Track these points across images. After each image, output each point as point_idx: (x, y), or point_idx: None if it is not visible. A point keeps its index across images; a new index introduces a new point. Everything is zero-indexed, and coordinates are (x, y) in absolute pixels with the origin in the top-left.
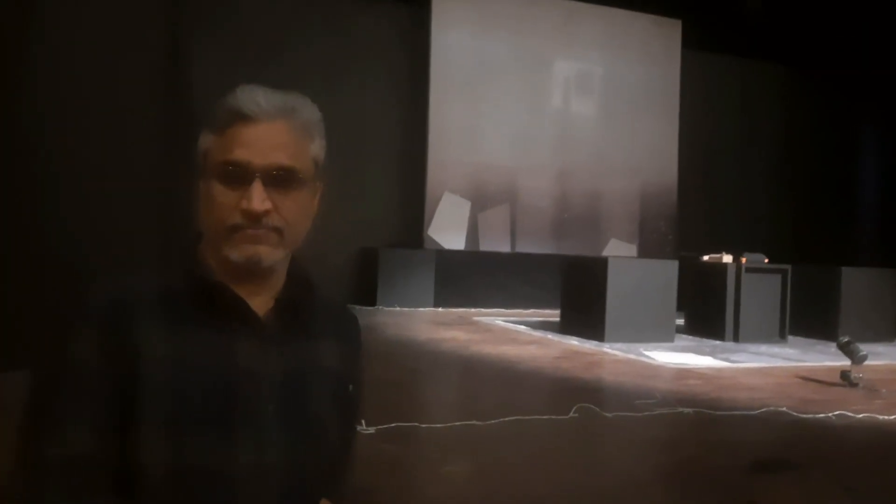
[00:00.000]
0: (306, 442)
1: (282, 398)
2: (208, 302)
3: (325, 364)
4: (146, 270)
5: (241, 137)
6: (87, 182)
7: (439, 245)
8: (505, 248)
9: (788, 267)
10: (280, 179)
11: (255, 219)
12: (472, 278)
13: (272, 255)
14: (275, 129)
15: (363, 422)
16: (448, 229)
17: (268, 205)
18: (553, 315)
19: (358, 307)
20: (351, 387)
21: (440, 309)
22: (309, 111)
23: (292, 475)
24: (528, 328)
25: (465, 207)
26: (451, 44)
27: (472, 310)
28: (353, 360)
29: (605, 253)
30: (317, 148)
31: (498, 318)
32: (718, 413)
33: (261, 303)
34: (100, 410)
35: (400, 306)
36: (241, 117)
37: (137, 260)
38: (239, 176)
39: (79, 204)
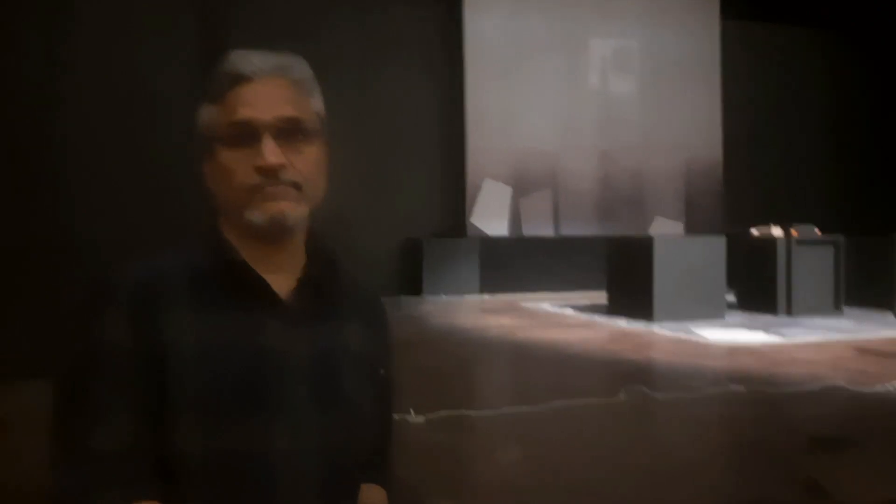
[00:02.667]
0: (342, 423)
1: (313, 379)
2: (232, 282)
3: (353, 345)
4: (170, 251)
5: (243, 98)
6: (116, 170)
7: (482, 232)
8: (549, 232)
9: (841, 237)
10: (289, 132)
11: (271, 174)
12: (517, 264)
13: (295, 210)
14: (274, 84)
15: (412, 410)
16: (490, 216)
17: (282, 158)
18: (601, 297)
19: (404, 297)
20: (382, 370)
21: (486, 296)
22: (303, 68)
23: (330, 457)
24: (576, 311)
25: (506, 193)
26: (485, 27)
27: (519, 295)
28: (381, 343)
29: (650, 232)
30: (318, 103)
31: (545, 303)
32: (773, 390)
33: (282, 282)
34: (134, 395)
35: (446, 295)
36: (240, 79)
37: (163, 242)
38: (247, 135)
39: (107, 193)
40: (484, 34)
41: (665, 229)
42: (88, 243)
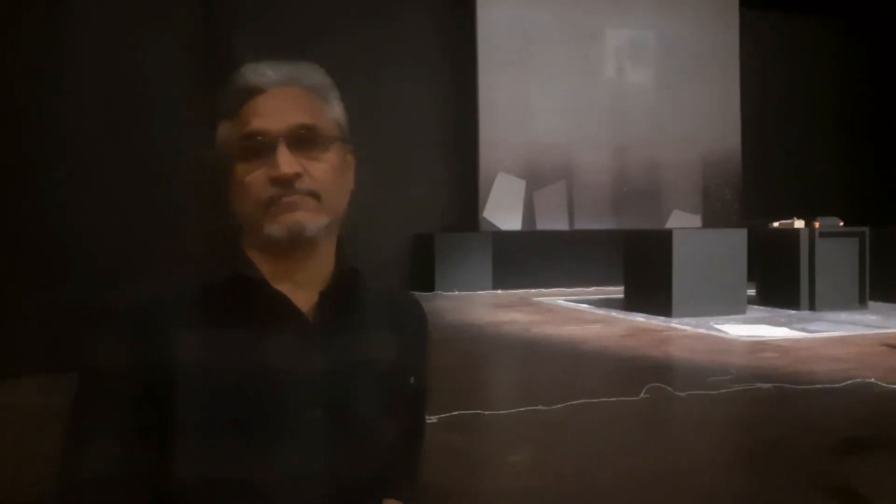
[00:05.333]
0: (358, 445)
1: (329, 400)
2: (248, 300)
3: (379, 359)
4: (185, 270)
5: (255, 109)
6: (128, 180)
7: (495, 227)
8: (563, 226)
9: (866, 229)
10: (305, 140)
11: (286, 184)
12: (530, 258)
13: (314, 220)
14: (287, 94)
15: None
16: (504, 210)
17: (297, 167)
18: (617, 292)
19: (416, 293)
20: (412, 379)
21: (499, 291)
22: (320, 76)
23: (343, 481)
24: (592, 306)
25: (520, 187)
26: (497, 19)
27: (533, 290)
28: (414, 351)
29: (668, 225)
30: (337, 111)
31: (559, 298)
32: (799, 387)
33: (306, 297)
34: (135, 422)
35: (458, 290)
36: (252, 92)
37: (182, 258)
38: (261, 147)
39: (125, 203)
40: (496, 26)
41: (683, 222)
42: (84, 242)
